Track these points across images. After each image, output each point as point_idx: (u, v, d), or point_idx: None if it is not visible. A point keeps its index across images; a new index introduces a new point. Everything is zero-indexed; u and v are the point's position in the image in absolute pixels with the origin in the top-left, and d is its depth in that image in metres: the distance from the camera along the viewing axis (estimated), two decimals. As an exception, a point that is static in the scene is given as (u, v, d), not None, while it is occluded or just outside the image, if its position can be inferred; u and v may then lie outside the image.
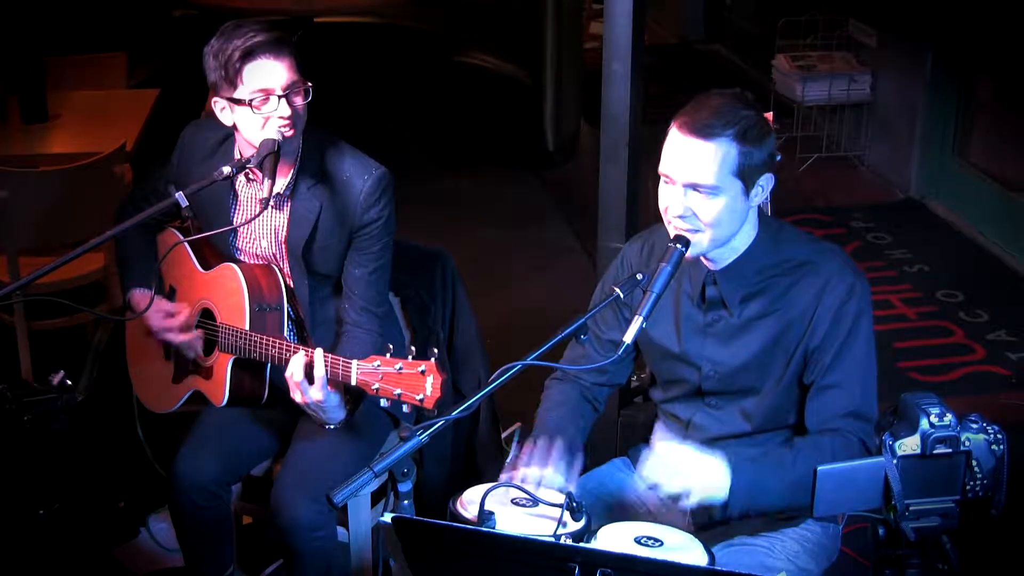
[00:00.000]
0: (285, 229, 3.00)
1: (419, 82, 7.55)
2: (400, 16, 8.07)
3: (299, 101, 2.87)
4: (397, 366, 2.59)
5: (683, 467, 2.44)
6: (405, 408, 2.61)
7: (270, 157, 2.83)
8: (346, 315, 3.04)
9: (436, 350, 2.58)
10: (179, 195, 2.72)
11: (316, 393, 2.80)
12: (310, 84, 2.88)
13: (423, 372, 2.56)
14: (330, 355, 2.78)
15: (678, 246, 2.46)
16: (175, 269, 3.19)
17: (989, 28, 5.68)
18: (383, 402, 2.63)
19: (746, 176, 2.46)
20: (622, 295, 2.46)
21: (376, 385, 2.62)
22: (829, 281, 2.53)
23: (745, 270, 2.58)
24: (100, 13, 6.65)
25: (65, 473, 3.73)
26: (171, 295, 3.20)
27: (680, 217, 2.48)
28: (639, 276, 2.48)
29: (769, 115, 3.00)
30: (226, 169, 2.79)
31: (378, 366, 2.62)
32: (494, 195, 6.44)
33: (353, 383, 2.69)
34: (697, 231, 2.49)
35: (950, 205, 6.04)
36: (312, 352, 2.80)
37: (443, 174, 6.63)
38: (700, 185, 2.45)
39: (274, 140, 2.85)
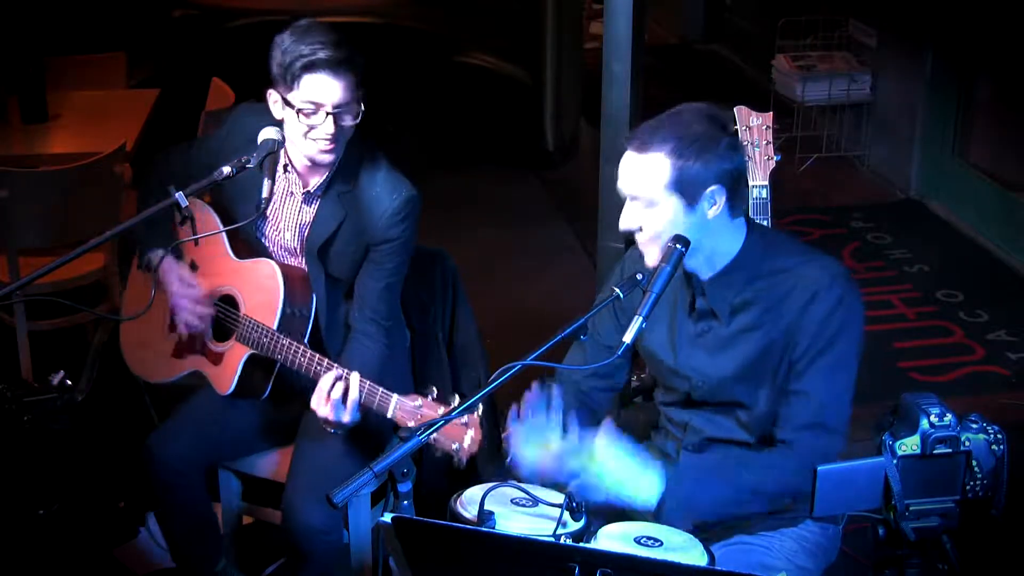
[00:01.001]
0: (309, 226, 3.01)
1: (419, 82, 7.55)
2: (400, 16, 8.07)
3: (348, 121, 2.86)
4: (439, 411, 2.60)
5: (618, 474, 2.45)
6: (437, 453, 2.61)
7: (270, 157, 2.83)
8: (354, 321, 3.04)
9: (481, 406, 2.57)
10: (179, 195, 2.71)
11: (348, 416, 2.82)
12: (363, 107, 2.86)
13: (465, 424, 2.57)
14: (367, 382, 2.79)
15: (677, 246, 2.46)
16: (202, 245, 3.12)
17: (989, 28, 5.68)
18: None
19: (684, 190, 2.47)
20: (622, 295, 2.47)
21: (412, 423, 2.63)
22: (818, 293, 2.52)
23: (733, 280, 2.58)
24: (100, 13, 6.65)
25: (65, 473, 3.73)
26: (192, 269, 3.18)
27: (630, 231, 2.54)
28: (639, 276, 2.49)
29: (770, 115, 3.02)
30: (226, 169, 2.78)
31: (419, 407, 2.65)
32: (494, 195, 6.44)
33: (389, 416, 2.71)
34: (648, 245, 2.54)
35: (950, 205, 6.04)
36: (349, 374, 2.81)
37: (443, 174, 6.62)
38: (637, 197, 2.52)
39: (275, 140, 2.85)
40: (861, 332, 2.56)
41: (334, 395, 2.80)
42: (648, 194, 2.49)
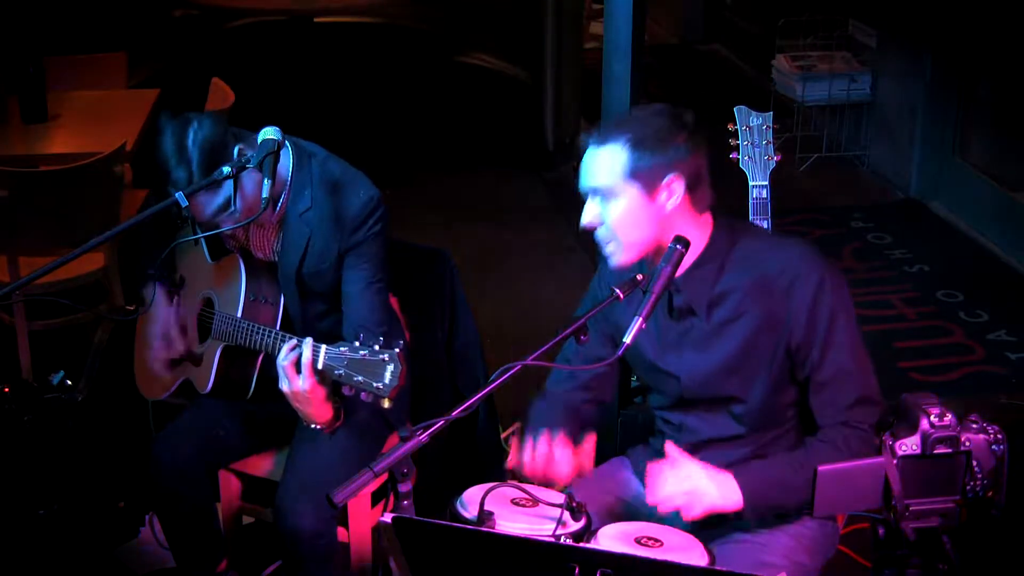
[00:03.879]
0: (280, 246, 3.02)
1: (419, 82, 7.56)
2: (400, 16, 8.09)
3: (229, 222, 2.87)
4: (361, 352, 2.58)
5: (696, 488, 2.47)
6: (364, 397, 2.58)
7: (270, 157, 2.83)
8: (344, 332, 3.03)
9: (403, 341, 2.56)
10: (179, 195, 2.72)
11: (303, 382, 2.77)
12: (235, 196, 2.83)
13: (384, 360, 2.55)
14: (323, 346, 2.77)
15: (678, 246, 2.46)
16: (187, 258, 3.20)
17: (989, 29, 5.68)
18: (345, 390, 2.62)
19: (642, 178, 2.50)
20: (622, 296, 2.46)
21: (340, 371, 2.60)
22: (796, 279, 2.53)
23: (705, 273, 2.58)
24: (100, 13, 6.65)
25: (65, 473, 3.73)
26: (181, 284, 3.21)
27: (591, 228, 2.57)
28: (639, 277, 2.49)
29: (770, 115, 3.02)
30: (226, 169, 2.78)
31: (343, 351, 2.61)
32: (494, 195, 6.44)
33: (319, 367, 2.68)
34: (610, 241, 2.55)
35: (950, 205, 6.04)
36: (302, 340, 2.79)
37: (443, 174, 6.63)
38: (596, 189, 2.54)
39: (274, 140, 2.84)
40: (851, 301, 2.57)
41: (285, 360, 2.75)
42: (606, 183, 2.52)
